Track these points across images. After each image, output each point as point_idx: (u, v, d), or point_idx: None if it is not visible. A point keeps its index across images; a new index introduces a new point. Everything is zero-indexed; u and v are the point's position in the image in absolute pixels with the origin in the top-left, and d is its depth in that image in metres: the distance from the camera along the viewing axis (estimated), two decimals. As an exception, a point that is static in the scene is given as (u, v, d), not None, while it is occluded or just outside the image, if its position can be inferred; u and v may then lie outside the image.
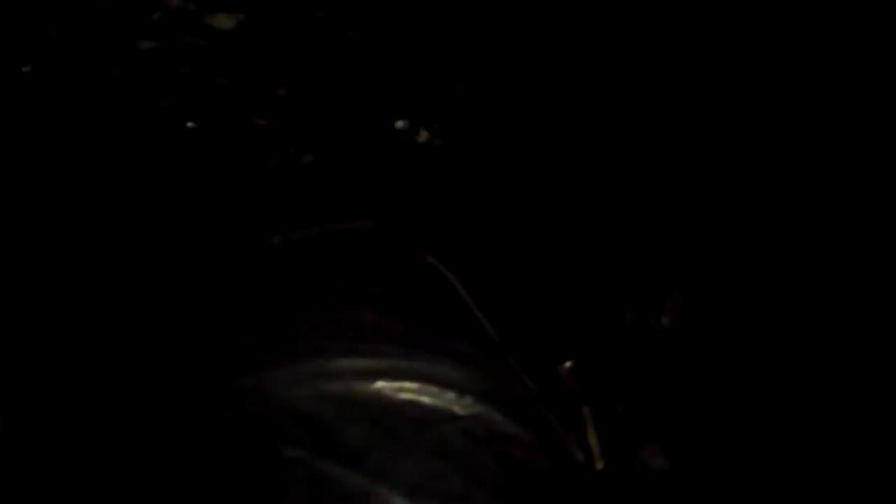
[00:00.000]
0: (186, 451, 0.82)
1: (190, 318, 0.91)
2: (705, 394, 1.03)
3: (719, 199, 1.02)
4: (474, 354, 0.87)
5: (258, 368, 0.84)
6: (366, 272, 0.91)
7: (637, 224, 1.00)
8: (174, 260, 0.96)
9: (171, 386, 0.86)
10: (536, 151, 1.03)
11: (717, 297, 1.01)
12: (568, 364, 0.93)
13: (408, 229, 0.93)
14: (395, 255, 0.92)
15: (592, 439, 0.94)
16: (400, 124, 1.04)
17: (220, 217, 0.99)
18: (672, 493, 1.03)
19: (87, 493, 0.82)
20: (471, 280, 0.91)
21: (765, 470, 1.02)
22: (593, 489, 0.94)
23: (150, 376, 0.87)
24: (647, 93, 1.04)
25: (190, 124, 1.04)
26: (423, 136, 1.04)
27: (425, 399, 0.84)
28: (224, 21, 1.06)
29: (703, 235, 1.01)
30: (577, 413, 0.93)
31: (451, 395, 0.84)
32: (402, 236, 0.92)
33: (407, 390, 0.84)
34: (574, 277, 0.98)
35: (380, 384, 0.83)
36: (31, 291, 0.92)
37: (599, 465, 0.95)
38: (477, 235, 0.95)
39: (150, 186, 1.01)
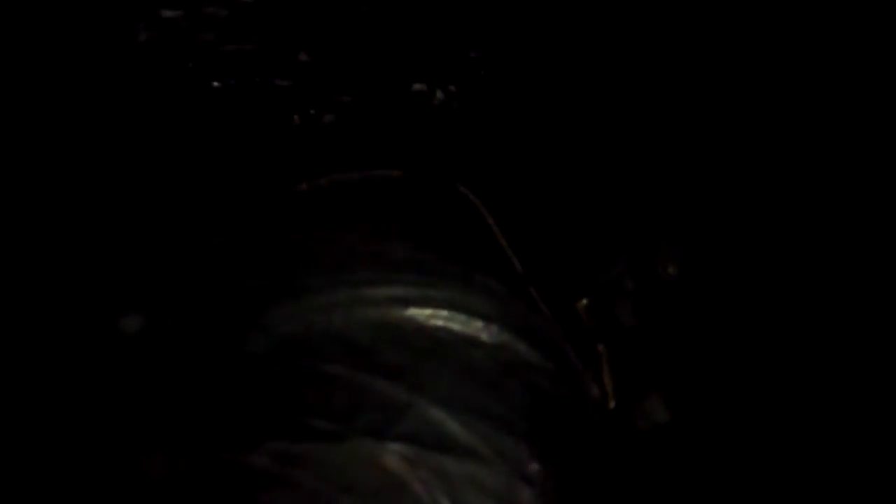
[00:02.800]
0: (222, 379, 0.85)
1: (222, 257, 0.95)
2: (708, 346, 1.08)
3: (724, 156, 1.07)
4: (500, 287, 0.92)
5: (292, 297, 0.88)
6: (395, 210, 0.95)
7: (646, 176, 1.05)
8: (201, 209, 1.00)
9: (207, 317, 0.89)
10: (549, 110, 1.08)
11: (722, 249, 1.06)
12: (584, 302, 0.97)
13: (435, 173, 0.98)
14: (425, 191, 0.96)
15: (607, 377, 0.98)
16: (417, 86, 1.09)
17: (248, 168, 1.03)
18: (672, 446, 1.06)
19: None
20: (496, 219, 0.95)
21: (766, 431, 1.06)
22: (607, 425, 0.98)
23: (189, 309, 0.90)
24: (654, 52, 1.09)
25: (216, 84, 1.08)
26: (440, 98, 1.09)
27: (455, 326, 0.88)
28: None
29: (709, 190, 1.07)
30: (592, 350, 0.97)
31: (478, 323, 0.89)
32: (432, 177, 0.97)
33: (437, 317, 0.88)
34: (588, 223, 1.03)
35: (412, 311, 0.88)
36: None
37: (612, 404, 0.99)
38: (498, 182, 1.00)
39: (175, 142, 1.05)
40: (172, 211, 0.98)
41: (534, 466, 0.84)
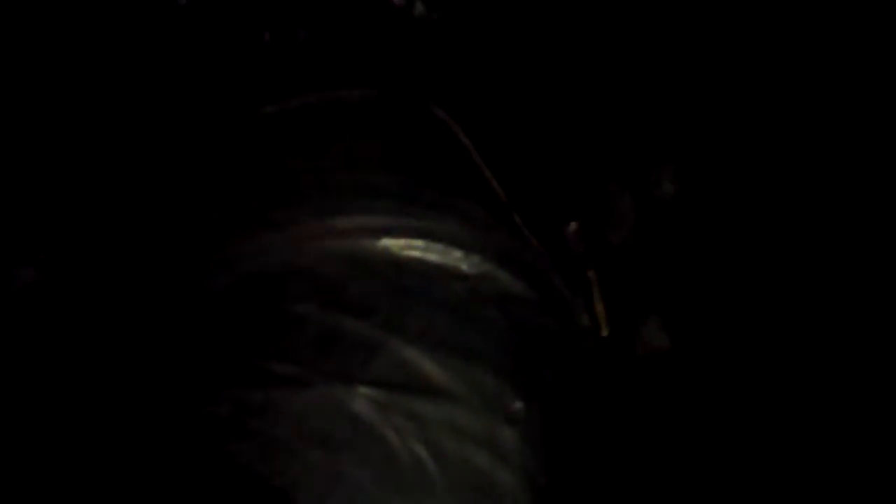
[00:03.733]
0: (183, 325, 0.80)
1: (185, 189, 0.89)
2: (706, 267, 1.03)
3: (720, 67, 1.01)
4: (481, 213, 0.86)
5: (256, 230, 0.83)
6: (368, 134, 0.89)
7: (640, 88, 0.98)
8: (165, 131, 0.94)
9: (163, 257, 0.84)
10: (535, 25, 1.01)
11: (718, 166, 1.00)
12: (573, 226, 0.92)
13: (412, 93, 0.91)
14: (399, 115, 0.90)
15: (598, 304, 0.92)
16: (396, -2, 1.02)
17: (214, 90, 0.97)
18: (673, 372, 1.02)
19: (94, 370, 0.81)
20: (476, 141, 0.89)
21: (766, 351, 1.02)
22: (599, 355, 0.93)
23: (142, 247, 0.85)
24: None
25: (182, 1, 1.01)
26: (419, 8, 1.01)
27: (432, 257, 0.82)
28: None
29: (705, 104, 1.00)
30: (582, 276, 0.92)
31: (457, 253, 0.83)
32: (408, 97, 0.90)
33: (413, 248, 0.82)
34: (578, 140, 0.96)
35: (385, 241, 0.82)
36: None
37: (605, 332, 0.94)
38: (479, 103, 0.94)
39: (143, 62, 0.99)
40: (128, 136, 0.92)
41: (517, 405, 0.79)
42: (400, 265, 0.81)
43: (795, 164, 0.99)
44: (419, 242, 0.82)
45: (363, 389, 0.75)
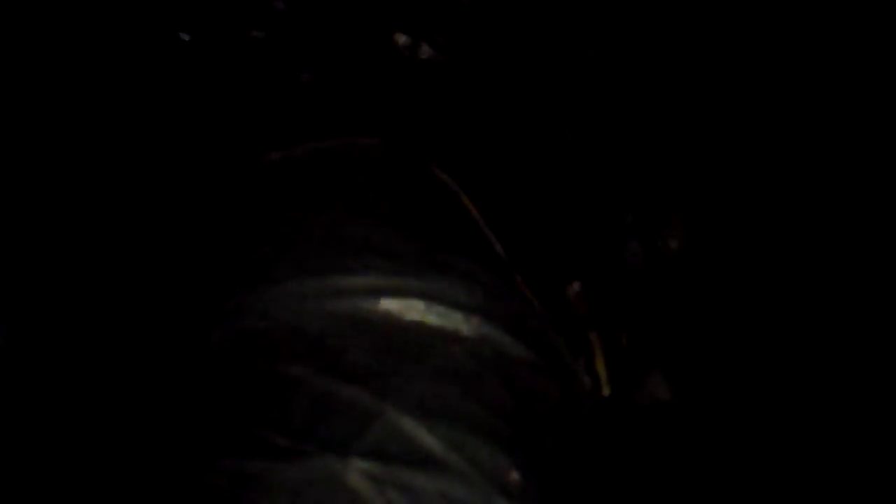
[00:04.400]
0: (178, 377, 0.78)
1: (184, 237, 0.87)
2: (711, 323, 1.02)
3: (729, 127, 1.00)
4: (482, 274, 0.84)
5: (257, 286, 0.81)
6: (371, 188, 0.87)
7: (645, 145, 0.97)
8: (166, 177, 0.92)
9: (165, 307, 0.83)
10: (543, 71, 1.00)
11: (725, 219, 0.99)
12: (575, 286, 0.90)
13: (414, 145, 0.89)
14: (402, 170, 0.88)
15: (600, 366, 0.91)
16: (402, 40, 1.00)
17: (217, 134, 0.95)
18: (675, 424, 1.01)
19: (79, 423, 0.79)
20: (478, 198, 0.87)
21: (768, 403, 1.01)
22: (600, 416, 0.92)
23: (143, 298, 0.84)
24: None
25: (184, 36, 0.99)
26: (426, 52, 1.00)
27: (432, 319, 0.81)
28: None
29: (712, 159, 0.99)
30: (584, 338, 0.90)
31: (458, 315, 0.81)
32: (409, 151, 0.89)
33: (413, 309, 0.81)
34: (582, 198, 0.95)
35: (386, 302, 0.80)
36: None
37: (606, 392, 0.92)
38: (484, 153, 0.92)
39: (144, 103, 0.97)
40: (124, 184, 0.91)
41: (514, 477, 0.78)
42: (400, 328, 0.80)
43: (803, 223, 0.98)
44: (419, 304, 0.81)
45: (358, 462, 0.73)
